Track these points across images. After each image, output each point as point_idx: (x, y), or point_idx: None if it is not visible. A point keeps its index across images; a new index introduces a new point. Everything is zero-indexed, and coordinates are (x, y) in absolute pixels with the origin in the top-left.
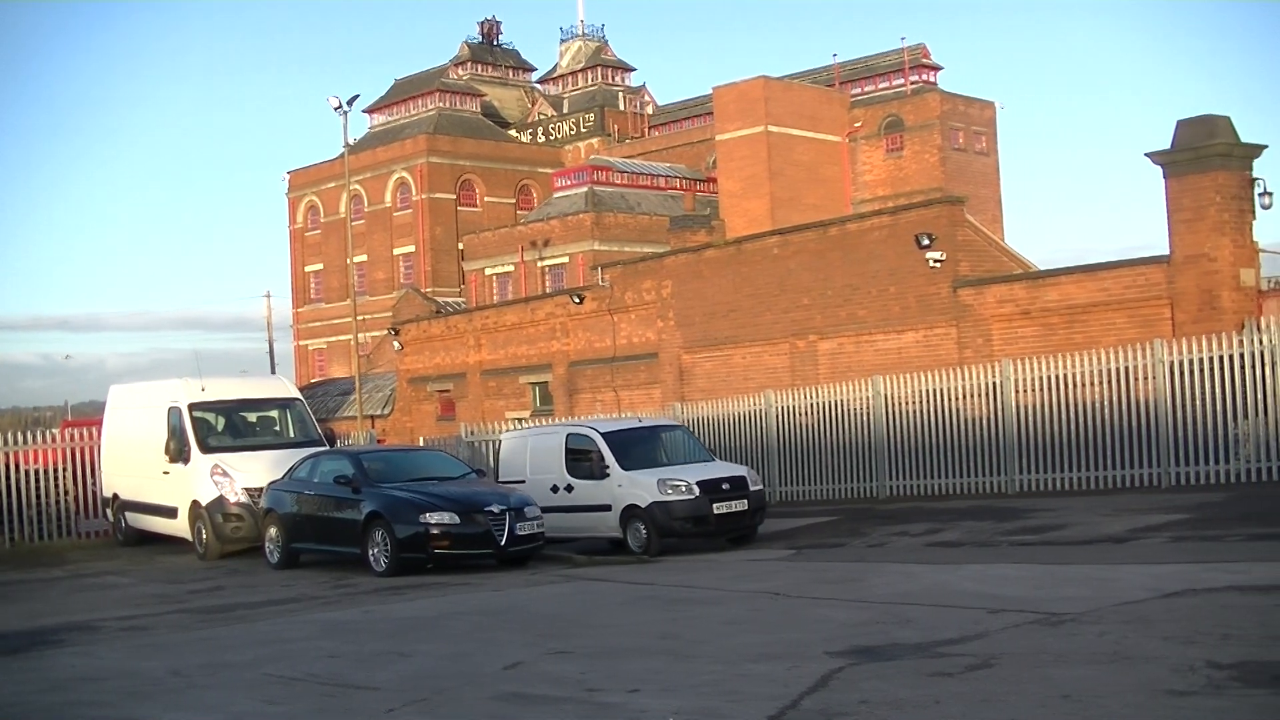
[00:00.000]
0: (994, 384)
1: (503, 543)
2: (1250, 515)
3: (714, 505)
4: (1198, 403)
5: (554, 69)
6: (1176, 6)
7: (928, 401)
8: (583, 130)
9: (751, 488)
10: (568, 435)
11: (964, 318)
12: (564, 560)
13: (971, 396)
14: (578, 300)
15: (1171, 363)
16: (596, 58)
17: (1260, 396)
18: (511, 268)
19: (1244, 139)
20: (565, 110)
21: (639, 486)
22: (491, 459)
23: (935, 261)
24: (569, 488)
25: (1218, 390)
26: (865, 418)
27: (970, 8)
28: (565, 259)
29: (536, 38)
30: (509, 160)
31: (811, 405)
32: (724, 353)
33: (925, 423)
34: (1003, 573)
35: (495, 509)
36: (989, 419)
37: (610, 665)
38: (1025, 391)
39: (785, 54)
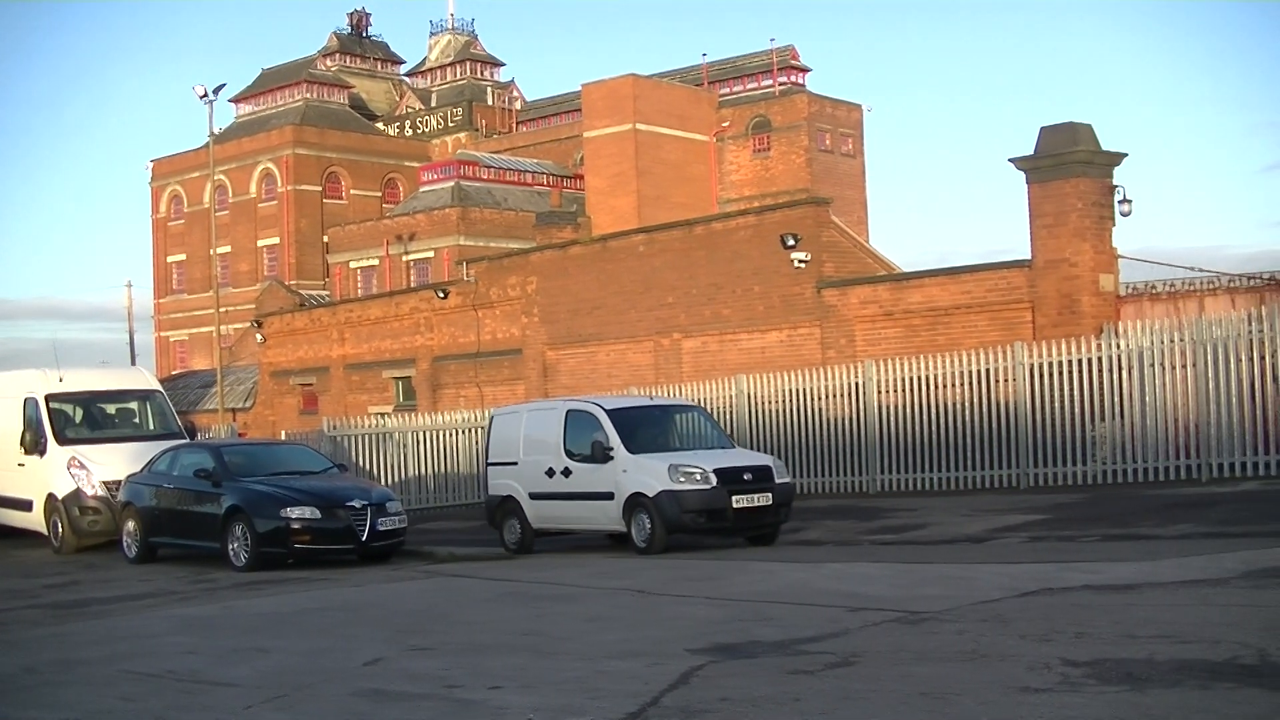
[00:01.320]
0: (856, 384)
1: (364, 538)
2: (1105, 516)
3: (733, 498)
4: (1057, 405)
5: (423, 62)
6: (1040, 13)
7: (791, 401)
8: (451, 125)
9: (778, 480)
10: (567, 412)
11: (828, 318)
12: (426, 555)
13: (834, 396)
14: (442, 295)
15: (1031, 365)
16: (466, 52)
17: (1117, 400)
18: (377, 261)
19: (1105, 147)
20: (433, 104)
21: (646, 472)
22: (354, 453)
23: (800, 262)
24: (566, 472)
25: (1076, 393)
26: (728, 417)
27: (839, 11)
28: (431, 253)
29: (406, 30)
30: (376, 153)
31: None
32: (588, 350)
33: (788, 422)
34: (863, 571)
35: (357, 504)
36: (851, 419)
37: (471, 662)
38: (887, 392)
39: (655, 52)
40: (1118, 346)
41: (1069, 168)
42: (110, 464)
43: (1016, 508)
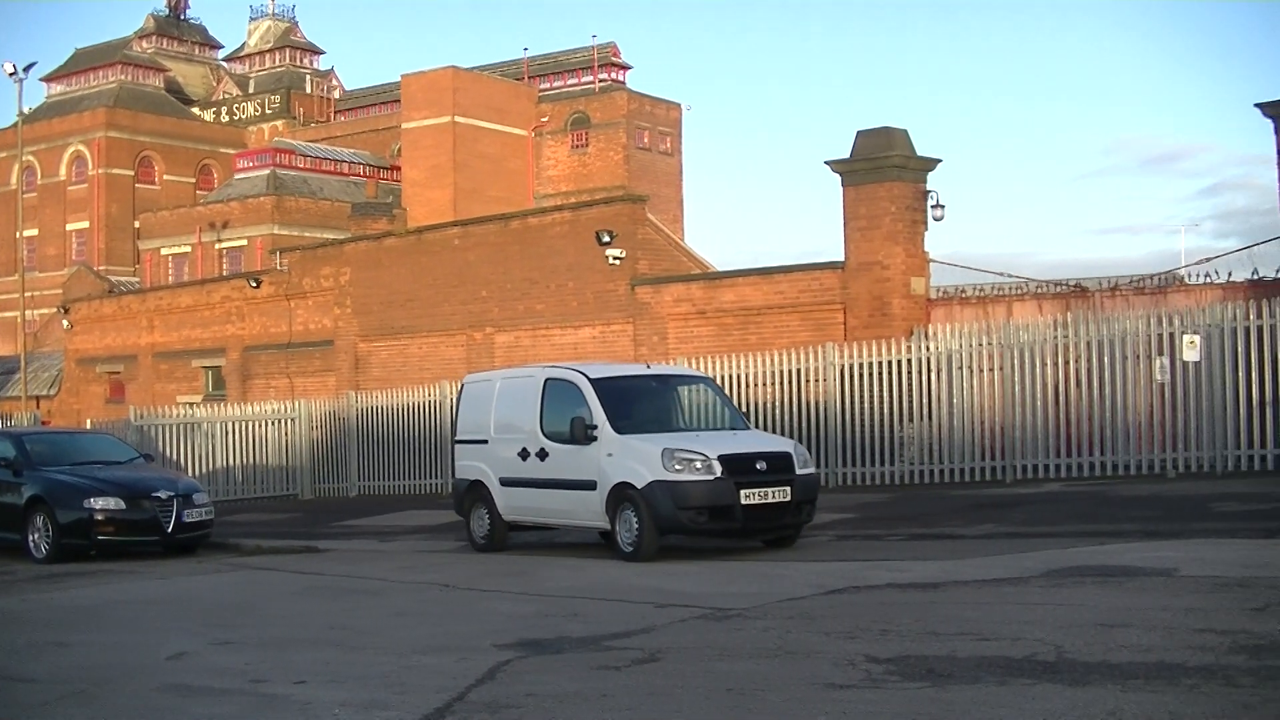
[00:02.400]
0: None
1: (170, 530)
2: (911, 515)
3: (741, 492)
4: (867, 405)
5: (241, 48)
6: (860, 18)
7: None
8: (268, 112)
9: (799, 470)
10: (546, 381)
11: (641, 315)
12: (232, 548)
13: None
14: (255, 284)
15: (842, 366)
16: (285, 39)
17: (926, 401)
18: (189, 248)
19: (920, 152)
20: (251, 90)
21: (636, 457)
22: (161, 444)
23: (615, 259)
24: (542, 454)
25: (886, 394)
26: None
27: (661, 9)
28: (244, 242)
29: (225, 15)
30: (191, 138)
31: None
32: (401, 342)
33: None
34: (671, 568)
35: (163, 495)
36: None
37: (278, 656)
38: None
39: (476, 45)
40: (927, 349)
41: (883, 172)
42: None
43: (825, 506)
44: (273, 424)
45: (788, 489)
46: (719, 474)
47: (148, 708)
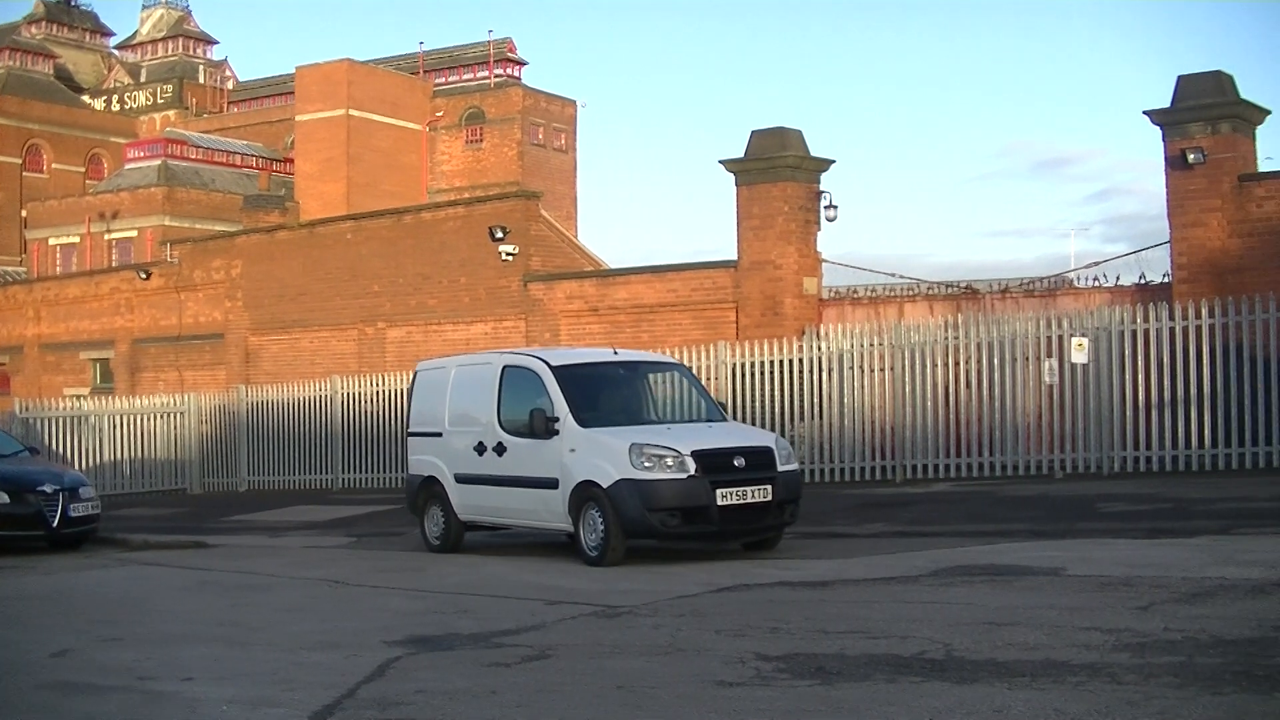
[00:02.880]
0: None
1: (55, 524)
2: (802, 514)
3: (718, 491)
4: (758, 404)
5: (134, 36)
6: (754, 19)
7: None
8: (160, 101)
9: (781, 467)
10: (504, 369)
11: (533, 312)
12: (120, 543)
13: None
14: (144, 276)
15: (734, 364)
16: (178, 27)
17: (817, 401)
18: (77, 239)
19: (814, 153)
20: (143, 79)
21: (601, 453)
22: (47, 437)
23: (508, 255)
24: (500, 448)
25: (777, 393)
26: None
27: (558, 5)
28: (134, 233)
29: (117, 2)
30: (81, 127)
31: (378, 392)
32: (292, 336)
33: None
34: (562, 565)
35: (48, 489)
36: None
37: (165, 653)
38: None
39: (371, 38)
40: (819, 349)
41: (777, 171)
42: None
43: None
44: (161, 418)
45: (768, 487)
46: (693, 471)
47: (27, 706)
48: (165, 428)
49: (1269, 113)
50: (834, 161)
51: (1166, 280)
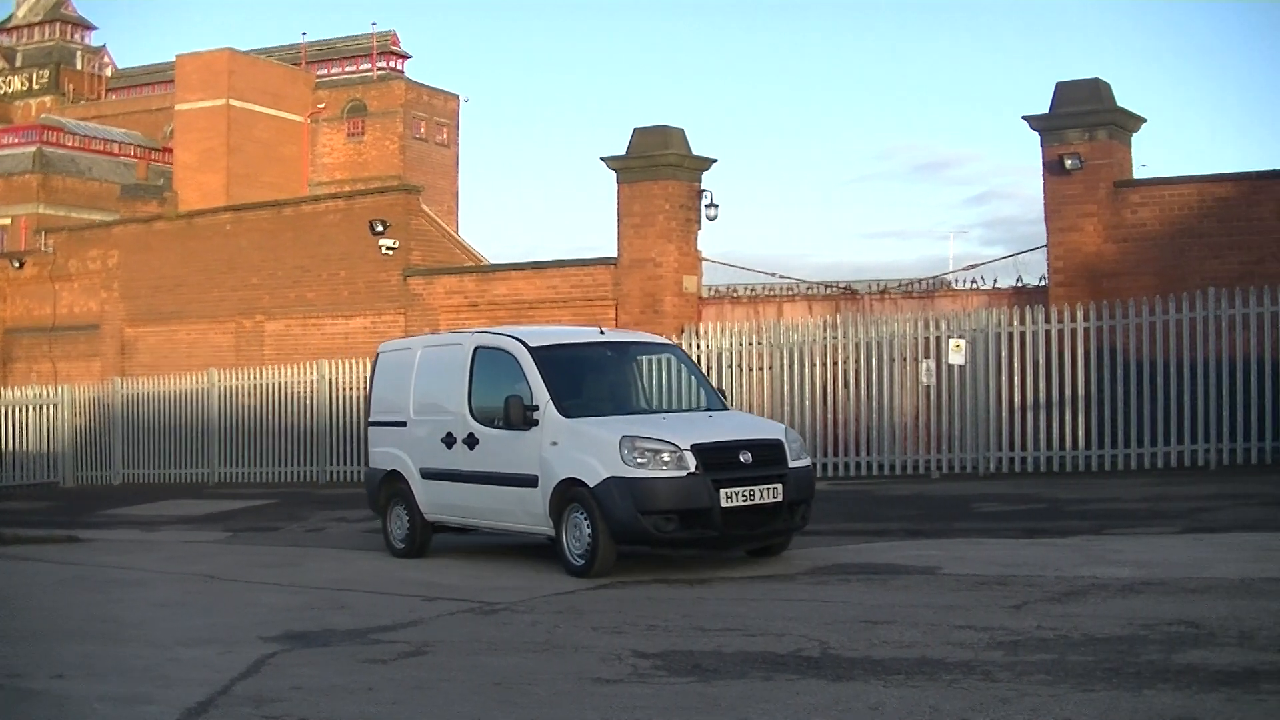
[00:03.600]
0: None
1: None
2: None
3: (721, 491)
4: None
5: (9, 19)
6: (637, 18)
7: None
8: (35, 87)
9: (793, 463)
10: (476, 350)
11: (413, 306)
12: None
13: None
14: (18, 265)
15: None
16: (56, 12)
17: None
18: None
19: (696, 152)
20: (18, 64)
21: (587, 447)
22: None
23: (388, 249)
24: (471, 440)
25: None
26: (309, 402)
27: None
28: (8, 221)
29: None
30: None
31: (256, 386)
32: (170, 328)
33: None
34: (440, 561)
35: None
36: None
37: (36, 649)
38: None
39: (253, 28)
40: (698, 347)
41: (659, 170)
42: None
43: None
44: (34, 409)
45: (779, 487)
46: (692, 469)
47: None
48: (38, 420)
49: (1145, 120)
50: (715, 160)
51: (1043, 284)
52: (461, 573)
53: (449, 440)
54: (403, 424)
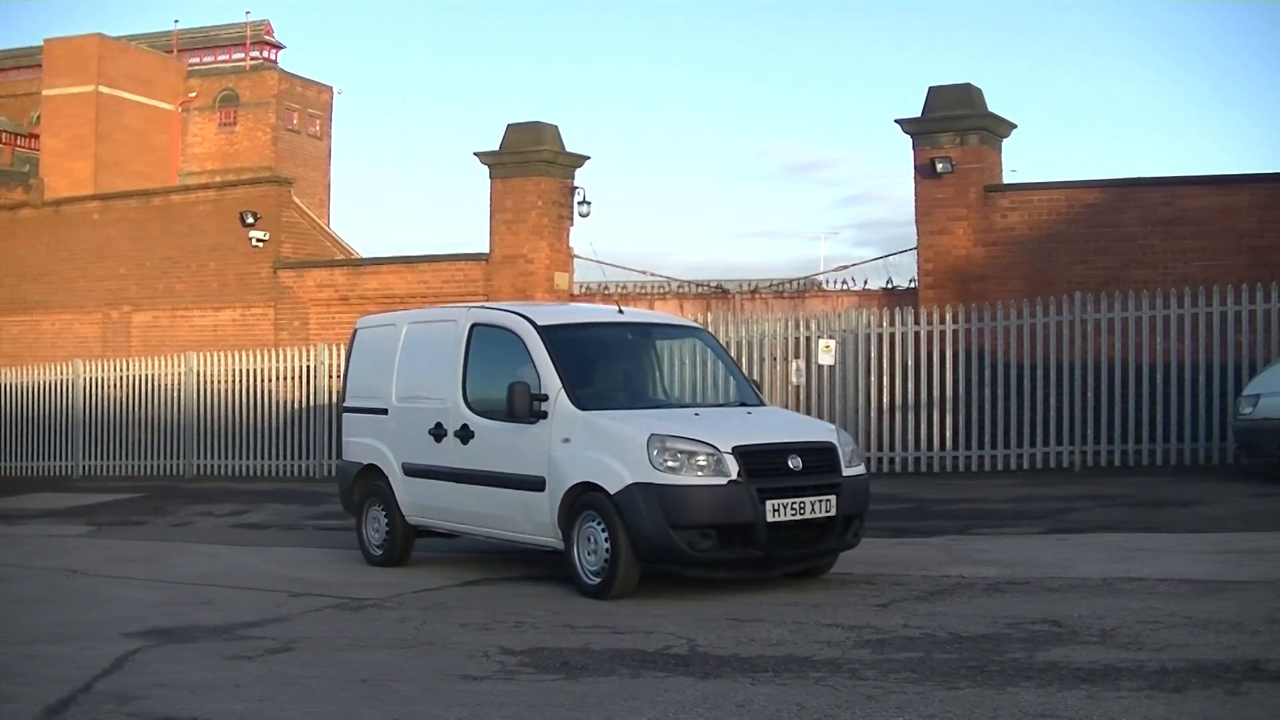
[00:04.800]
0: (308, 367)
1: None
2: None
3: (768, 504)
4: None
5: None
6: (513, 15)
7: (241, 381)
8: None
9: (846, 470)
10: (472, 328)
11: (283, 299)
12: None
13: (285, 379)
14: None
15: None
16: None
17: None
18: None
19: (570, 149)
20: None
21: (607, 446)
22: None
23: (258, 241)
24: (465, 433)
25: None
26: (176, 394)
27: None
28: None
29: None
30: None
31: (122, 378)
32: (34, 318)
33: (238, 403)
34: (307, 556)
35: None
36: (301, 402)
37: None
38: (339, 377)
39: (124, 13)
40: None
41: (531, 166)
42: None
43: None
44: None
45: (831, 499)
46: (734, 475)
47: None
48: None
49: (1016, 126)
50: (589, 158)
51: (913, 286)
52: (329, 568)
53: (438, 432)
54: (383, 411)
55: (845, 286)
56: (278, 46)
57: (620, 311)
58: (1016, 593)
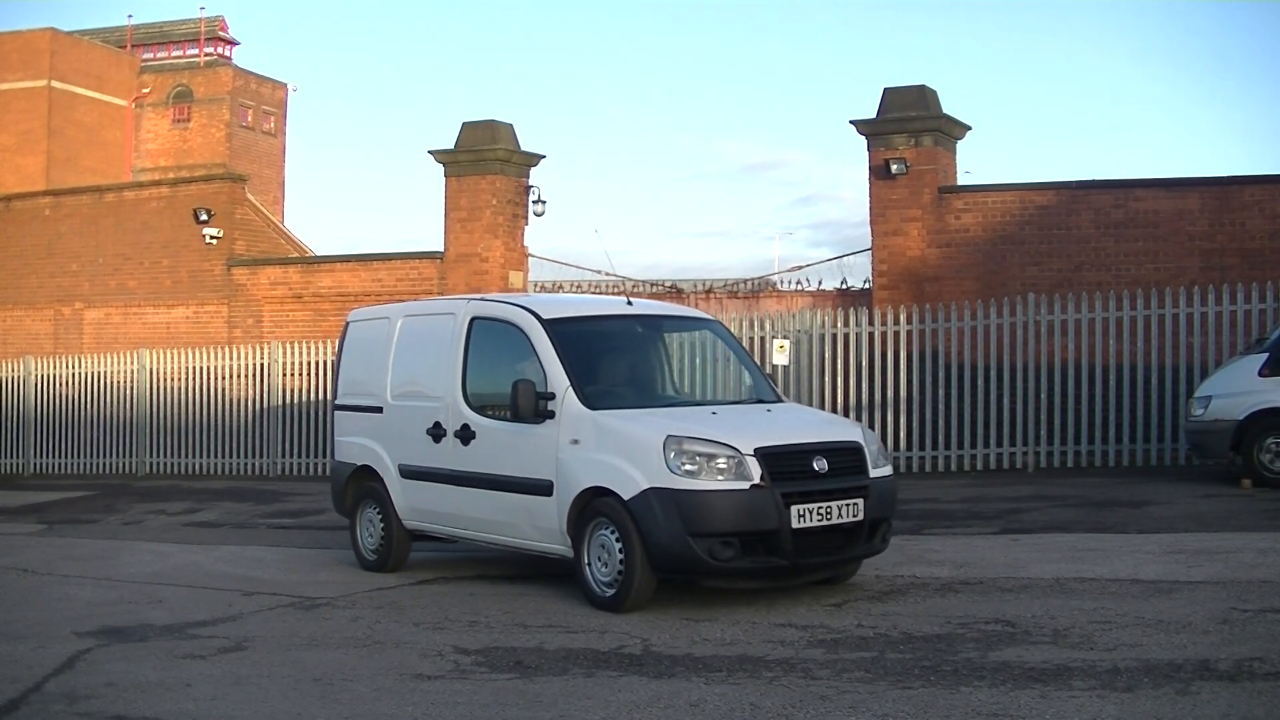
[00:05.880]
0: (262, 365)
1: None
2: None
3: (793, 509)
4: None
5: None
6: (470, 12)
7: (194, 379)
8: None
9: (874, 472)
10: (472, 321)
11: (236, 296)
12: None
13: (238, 377)
14: None
15: None
16: None
17: None
18: None
19: (525, 148)
20: None
21: (619, 447)
22: None
23: (212, 238)
24: (465, 433)
25: None
26: (129, 392)
27: None
28: None
29: None
30: None
31: (74, 375)
32: None
33: (191, 400)
34: (259, 555)
35: None
36: (254, 400)
37: None
38: (292, 375)
39: (76, 7)
40: None
41: (486, 164)
42: None
43: None
44: None
45: (859, 502)
46: (757, 479)
47: None
48: None
49: (970, 128)
50: (544, 157)
51: (867, 286)
52: (281, 567)
53: (437, 432)
54: (378, 409)
55: (800, 287)
56: (232, 43)
57: (629, 303)
58: (969, 593)
